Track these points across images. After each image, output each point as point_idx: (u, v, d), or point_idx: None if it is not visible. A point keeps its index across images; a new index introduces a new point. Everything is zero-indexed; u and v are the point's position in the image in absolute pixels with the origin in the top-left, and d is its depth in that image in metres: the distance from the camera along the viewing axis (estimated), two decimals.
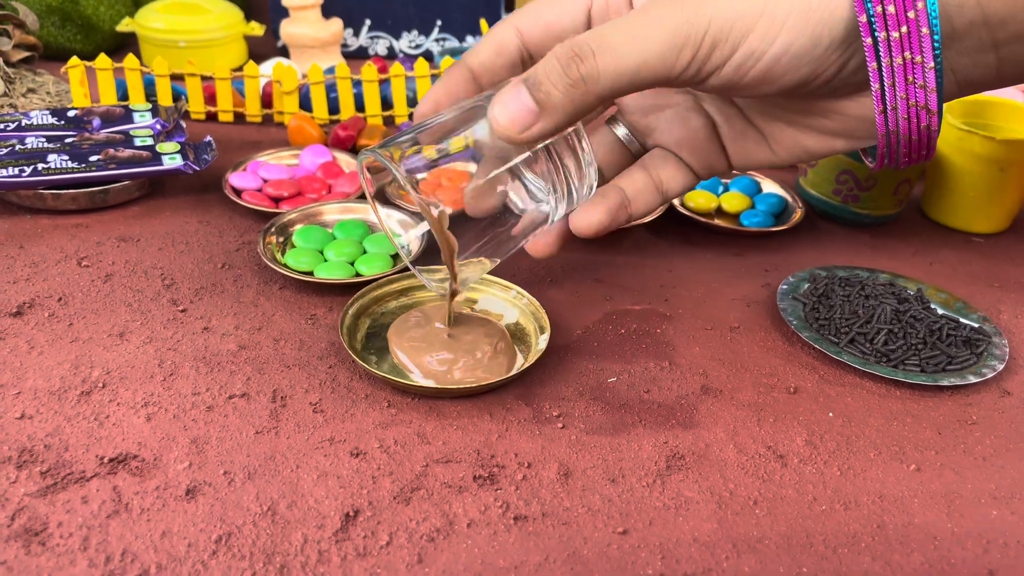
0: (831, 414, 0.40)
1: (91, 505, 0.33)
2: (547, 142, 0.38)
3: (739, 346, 0.45)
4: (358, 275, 0.48)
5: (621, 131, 0.45)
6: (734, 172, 0.62)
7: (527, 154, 0.38)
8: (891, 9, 0.33)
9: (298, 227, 0.53)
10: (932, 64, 0.34)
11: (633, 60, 0.33)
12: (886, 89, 0.34)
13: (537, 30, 0.40)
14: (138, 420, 0.38)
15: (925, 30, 0.33)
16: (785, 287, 0.49)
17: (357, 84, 0.73)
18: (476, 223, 0.39)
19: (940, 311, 0.48)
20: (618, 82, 0.34)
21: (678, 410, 0.40)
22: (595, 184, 0.41)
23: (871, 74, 0.34)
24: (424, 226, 0.51)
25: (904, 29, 0.33)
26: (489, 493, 0.35)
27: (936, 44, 0.33)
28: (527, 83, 0.34)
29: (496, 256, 0.40)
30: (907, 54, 0.33)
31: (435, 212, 0.36)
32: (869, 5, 0.33)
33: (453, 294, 0.41)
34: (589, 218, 0.40)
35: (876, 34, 0.33)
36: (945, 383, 0.42)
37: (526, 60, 0.41)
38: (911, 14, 0.33)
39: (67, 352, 0.42)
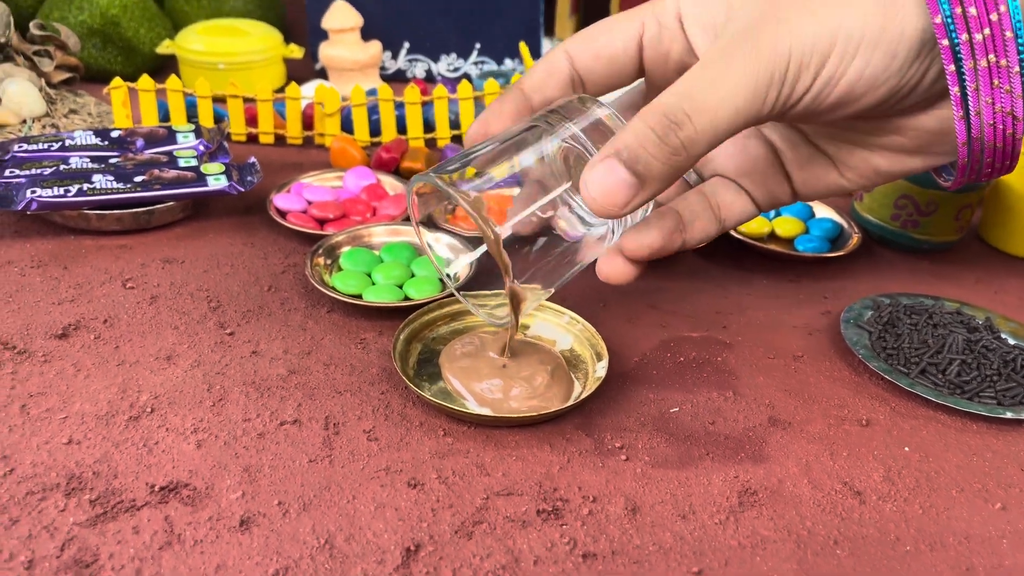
0: (907, 448, 0.39)
1: (143, 536, 0.32)
2: None
3: (805, 376, 0.44)
4: (407, 299, 0.47)
5: None
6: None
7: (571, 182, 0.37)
8: (972, 11, 0.32)
9: (345, 249, 0.52)
10: (1018, 68, 0.32)
11: (725, 114, 0.32)
12: (969, 94, 0.33)
13: (588, 56, 0.39)
14: (188, 447, 0.37)
15: (1009, 33, 0.32)
16: (848, 315, 0.47)
17: (399, 106, 0.72)
18: (527, 249, 0.38)
19: (1012, 341, 0.46)
20: (715, 140, 0.33)
21: (746, 443, 0.38)
22: (650, 207, 0.39)
23: (948, 77, 0.33)
24: (474, 254, 0.50)
25: (987, 32, 0.32)
26: (554, 528, 0.33)
27: (1021, 48, 0.32)
28: (621, 157, 0.33)
29: (550, 284, 0.39)
30: (991, 57, 0.32)
31: (494, 234, 0.34)
32: (946, 6, 0.32)
33: (515, 323, 0.39)
34: (641, 239, 0.38)
35: (955, 36, 0.32)
36: None
37: (576, 83, 0.40)
38: (994, 16, 0.32)
39: (114, 375, 0.41)
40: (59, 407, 0.39)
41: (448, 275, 0.42)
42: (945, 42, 0.32)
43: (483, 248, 0.48)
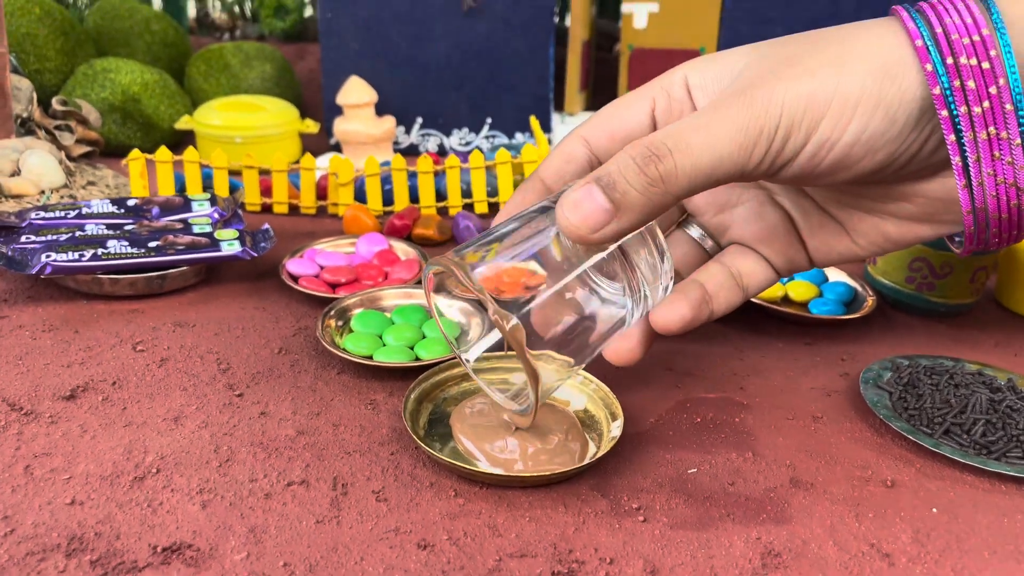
0: (935, 510, 0.37)
1: None
2: (620, 242, 0.37)
3: (825, 437, 0.43)
4: (418, 360, 0.47)
5: (695, 231, 0.44)
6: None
7: (598, 257, 0.36)
8: (971, 84, 0.32)
9: (356, 312, 0.52)
10: (1019, 140, 0.32)
11: (709, 158, 0.32)
12: (970, 165, 0.33)
13: (604, 138, 0.40)
14: (193, 507, 0.36)
15: (1009, 106, 0.32)
16: (867, 375, 0.46)
17: (412, 176, 0.73)
18: (549, 332, 0.38)
19: None
20: (695, 180, 0.33)
21: (768, 504, 0.37)
22: (671, 284, 0.39)
23: (950, 147, 0.33)
24: (489, 340, 0.49)
25: (987, 104, 0.32)
26: None
27: (1021, 120, 0.32)
28: (600, 182, 0.33)
29: (574, 364, 0.39)
30: (992, 129, 0.32)
31: (508, 326, 0.34)
32: (945, 80, 0.32)
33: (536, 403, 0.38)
34: (672, 313, 0.39)
35: (955, 108, 0.32)
36: None
37: (595, 166, 0.40)
38: (992, 90, 0.32)
39: (120, 436, 0.41)
40: (63, 468, 0.38)
41: (465, 359, 0.42)
42: (944, 113, 0.32)
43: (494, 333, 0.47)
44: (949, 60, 0.32)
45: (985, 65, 0.32)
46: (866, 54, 0.33)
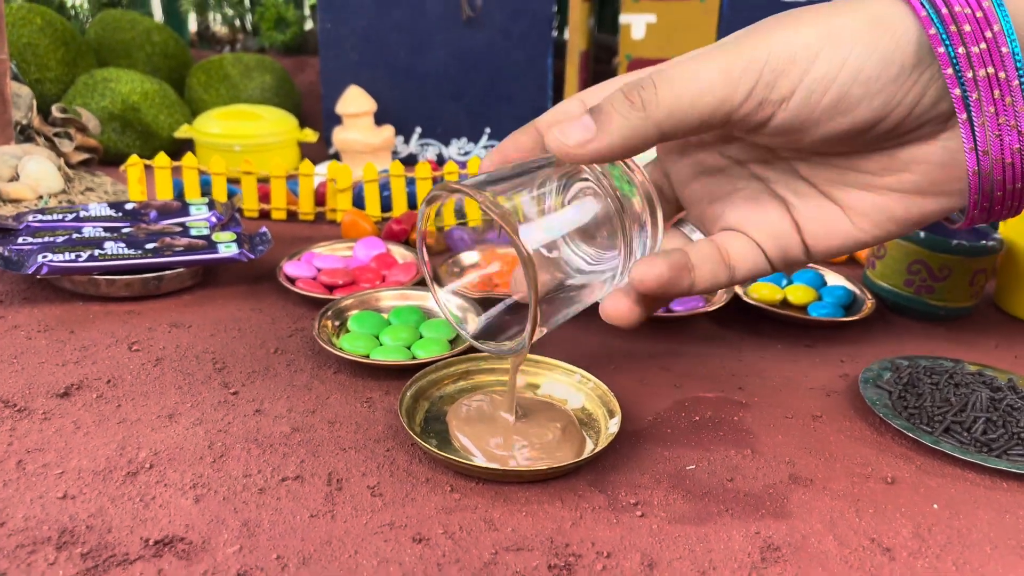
0: (936, 506, 0.37)
1: None
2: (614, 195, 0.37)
3: (824, 435, 0.42)
4: (415, 359, 0.46)
5: (687, 227, 0.44)
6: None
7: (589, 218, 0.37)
8: (967, 28, 0.32)
9: (353, 312, 0.51)
10: (1018, 81, 0.32)
11: (691, 89, 0.33)
12: (971, 104, 0.33)
13: (599, 99, 0.40)
14: (186, 502, 0.35)
15: (1005, 49, 0.32)
16: (866, 375, 0.46)
17: (411, 182, 0.73)
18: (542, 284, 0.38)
19: None
20: (675, 111, 0.33)
21: (767, 499, 0.37)
22: (658, 243, 0.39)
23: (948, 80, 0.32)
24: (484, 317, 0.49)
25: (983, 46, 0.32)
26: None
27: (1019, 62, 0.32)
28: (589, 110, 0.35)
29: (553, 321, 0.38)
30: (990, 69, 0.32)
31: (508, 207, 0.34)
32: (940, 26, 0.32)
33: (532, 334, 0.37)
34: (650, 269, 0.37)
35: (952, 48, 0.32)
36: None
37: None
38: (988, 34, 0.32)
39: (114, 433, 0.40)
40: (56, 463, 0.38)
41: (460, 323, 0.41)
42: (941, 50, 0.32)
43: (497, 308, 0.47)
44: (944, 10, 0.32)
45: (979, 14, 0.32)
46: (859, 9, 0.34)
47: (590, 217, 0.38)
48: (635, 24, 0.95)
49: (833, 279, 0.61)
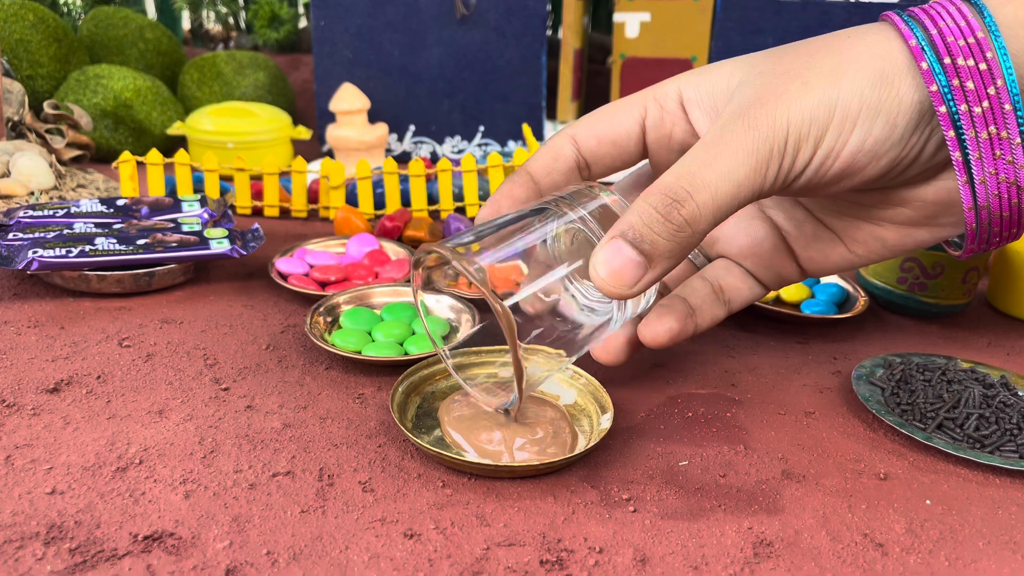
0: (929, 501, 0.37)
1: None
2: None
3: (817, 431, 0.42)
4: (407, 355, 0.46)
5: None
6: None
7: (578, 263, 0.37)
8: (970, 85, 0.32)
9: (346, 309, 0.51)
10: (1019, 140, 0.32)
11: (729, 190, 0.32)
12: (972, 163, 0.33)
13: (592, 140, 0.40)
14: (176, 497, 0.35)
15: (1008, 107, 0.32)
16: (859, 372, 0.46)
17: (404, 180, 0.73)
18: (531, 334, 0.38)
19: None
20: (719, 215, 0.33)
21: (760, 495, 0.37)
22: (653, 294, 0.39)
23: (949, 143, 0.33)
24: (471, 332, 0.49)
25: (986, 104, 0.32)
26: None
27: (1020, 120, 0.32)
28: (626, 237, 0.33)
29: (550, 368, 0.39)
30: (992, 129, 0.32)
31: (500, 305, 0.34)
32: (943, 78, 0.32)
33: (520, 397, 0.38)
34: (660, 326, 0.39)
35: (954, 106, 0.32)
36: None
37: (582, 167, 0.41)
38: (991, 90, 0.32)
39: (103, 429, 0.40)
40: (45, 458, 0.37)
41: (444, 351, 0.42)
42: (943, 109, 0.32)
43: (480, 325, 0.47)
44: (947, 60, 0.32)
45: (982, 67, 0.32)
46: (862, 62, 0.33)
47: (578, 263, 0.37)
48: (629, 22, 0.95)
49: (826, 277, 0.61)
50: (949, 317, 0.58)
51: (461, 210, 0.73)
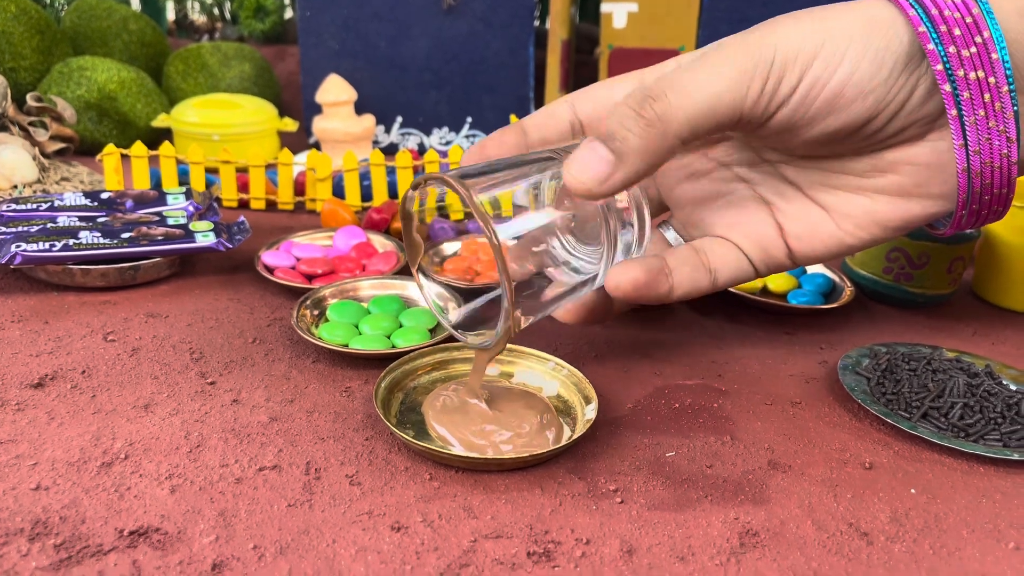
0: (913, 491, 0.37)
1: None
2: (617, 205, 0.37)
3: (803, 421, 0.42)
4: (394, 348, 0.46)
5: (671, 234, 0.44)
6: None
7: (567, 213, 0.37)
8: (957, 32, 0.33)
9: (332, 302, 0.51)
10: (1007, 87, 0.33)
11: (706, 94, 0.33)
12: (962, 103, 0.33)
13: (589, 105, 0.40)
14: (161, 492, 0.35)
15: (995, 55, 0.33)
16: (845, 362, 0.46)
17: (391, 171, 0.73)
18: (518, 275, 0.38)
19: (1013, 387, 0.45)
20: (694, 119, 0.33)
21: (746, 485, 0.37)
22: (645, 247, 0.39)
23: (937, 75, 0.33)
24: (465, 308, 0.49)
25: (973, 49, 0.33)
26: (545, 570, 0.31)
27: (1007, 68, 0.32)
28: (601, 138, 0.33)
29: (531, 314, 0.38)
30: (980, 72, 0.33)
31: (496, 238, 0.33)
32: (930, 24, 0.33)
33: (507, 332, 0.37)
34: (624, 274, 0.37)
35: (942, 48, 0.33)
36: None
37: (576, 129, 0.40)
38: (978, 39, 0.32)
39: (88, 423, 0.40)
40: (29, 454, 0.37)
41: (442, 312, 0.41)
42: (931, 46, 0.33)
43: (481, 300, 0.47)
44: (933, 11, 0.32)
45: (968, 20, 0.32)
46: (852, 9, 0.34)
47: (572, 215, 0.37)
48: (616, 13, 0.95)
49: (813, 267, 0.61)
50: (935, 307, 0.58)
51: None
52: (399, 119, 0.95)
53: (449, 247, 0.55)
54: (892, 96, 0.33)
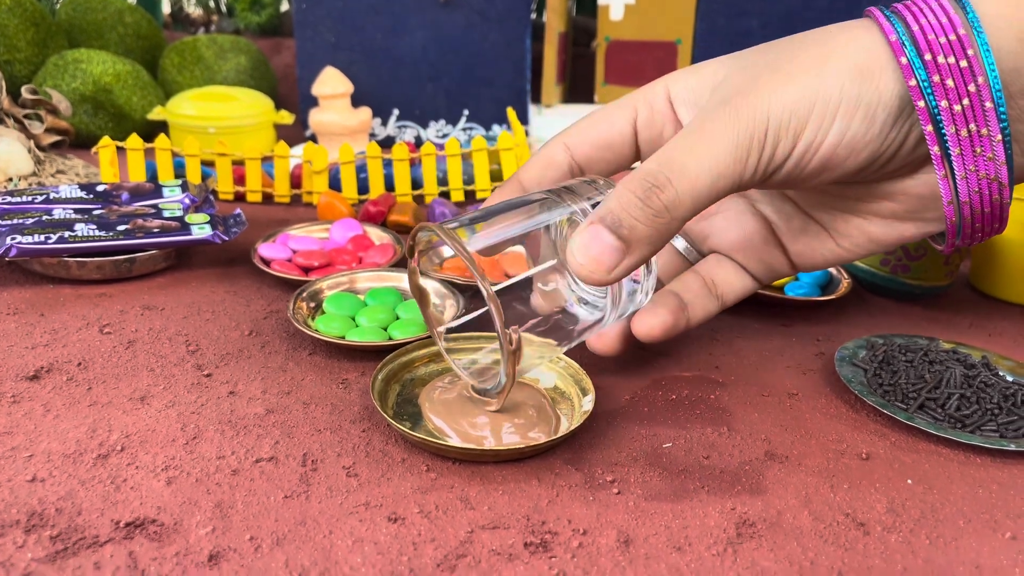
0: (910, 481, 0.37)
1: (104, 571, 0.30)
2: None
3: (800, 412, 0.42)
4: (391, 340, 0.46)
5: (680, 243, 0.44)
6: None
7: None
8: (950, 83, 0.32)
9: (329, 294, 0.51)
10: (1000, 137, 0.32)
11: (708, 177, 0.32)
12: (953, 159, 0.33)
13: (585, 145, 0.40)
14: (158, 484, 0.35)
15: (989, 104, 0.32)
16: (842, 353, 0.46)
17: (387, 164, 0.73)
18: (526, 324, 0.38)
19: (1010, 377, 0.45)
20: (698, 202, 0.33)
21: (743, 476, 0.37)
22: (652, 292, 0.39)
23: (928, 137, 0.33)
24: (458, 320, 0.49)
25: (966, 102, 0.32)
26: (542, 561, 0.31)
27: (1002, 117, 0.32)
28: (605, 222, 0.33)
29: (541, 355, 0.39)
30: (972, 126, 0.32)
31: (488, 289, 0.33)
32: (922, 72, 0.32)
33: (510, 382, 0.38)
34: (654, 319, 0.40)
35: (934, 101, 0.32)
36: None
37: (575, 172, 0.41)
38: (971, 87, 0.32)
39: (84, 416, 0.40)
40: (25, 446, 0.37)
41: (439, 333, 0.42)
42: (921, 104, 0.32)
43: (478, 312, 0.47)
44: (927, 57, 0.32)
45: (963, 64, 0.32)
46: (843, 55, 0.33)
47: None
48: (614, 5, 0.94)
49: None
50: (932, 298, 0.58)
51: (445, 194, 0.73)
52: (396, 112, 0.95)
53: (448, 250, 0.55)
54: (885, 147, 0.34)
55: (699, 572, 0.31)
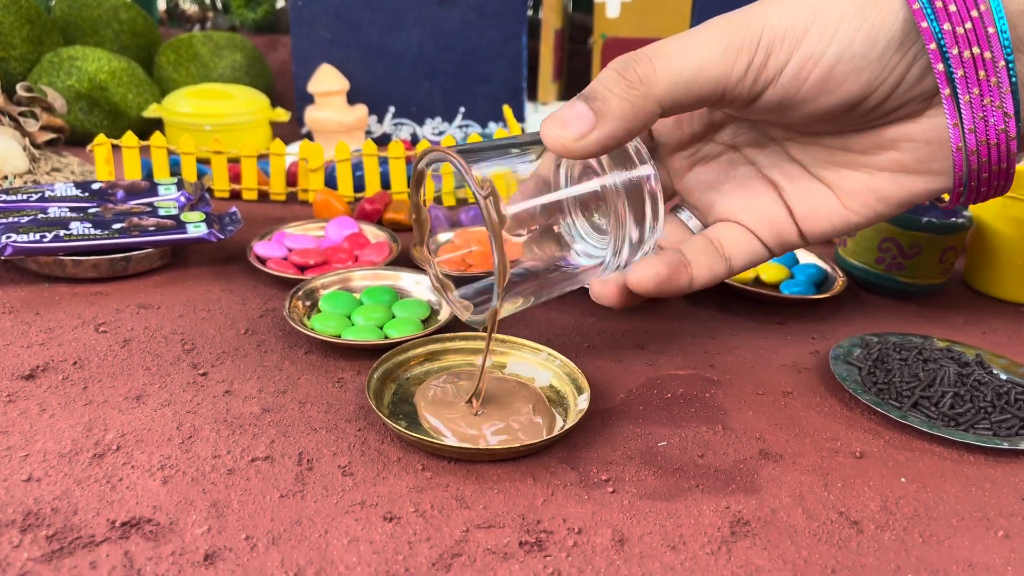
0: (903, 479, 0.37)
1: (100, 571, 0.30)
2: (617, 183, 0.36)
3: (795, 411, 0.43)
4: (387, 339, 0.46)
5: (684, 214, 0.44)
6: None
7: (588, 187, 0.36)
8: (952, 8, 0.32)
9: (325, 293, 0.51)
10: (1003, 62, 0.32)
11: (689, 63, 0.33)
12: (956, 81, 0.33)
13: None
14: (154, 483, 0.35)
15: (992, 29, 0.32)
16: (836, 352, 0.46)
17: (383, 162, 0.73)
18: (524, 269, 0.38)
19: (1003, 376, 0.45)
20: (676, 86, 0.33)
21: (737, 475, 0.37)
22: (651, 246, 0.39)
23: (931, 55, 0.32)
24: (482, 283, 0.48)
25: (968, 25, 0.32)
26: (538, 560, 0.32)
27: (1006, 44, 0.32)
28: (582, 95, 0.33)
29: (537, 298, 0.38)
30: (975, 49, 0.32)
31: (498, 215, 0.33)
32: (930, 12, 0.32)
33: (494, 315, 0.37)
34: (647, 270, 0.38)
35: (936, 24, 0.32)
36: None
37: None
38: (974, 13, 0.32)
39: (80, 415, 0.40)
40: (20, 445, 0.37)
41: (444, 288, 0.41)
42: (924, 24, 0.32)
43: (484, 282, 0.46)
44: None
45: None
46: None
47: (586, 195, 0.37)
48: (610, 3, 0.94)
49: (805, 257, 0.61)
50: (926, 296, 0.58)
51: (438, 198, 0.73)
52: (392, 109, 0.95)
53: (443, 236, 0.55)
54: (887, 74, 0.33)
55: (694, 571, 0.31)
